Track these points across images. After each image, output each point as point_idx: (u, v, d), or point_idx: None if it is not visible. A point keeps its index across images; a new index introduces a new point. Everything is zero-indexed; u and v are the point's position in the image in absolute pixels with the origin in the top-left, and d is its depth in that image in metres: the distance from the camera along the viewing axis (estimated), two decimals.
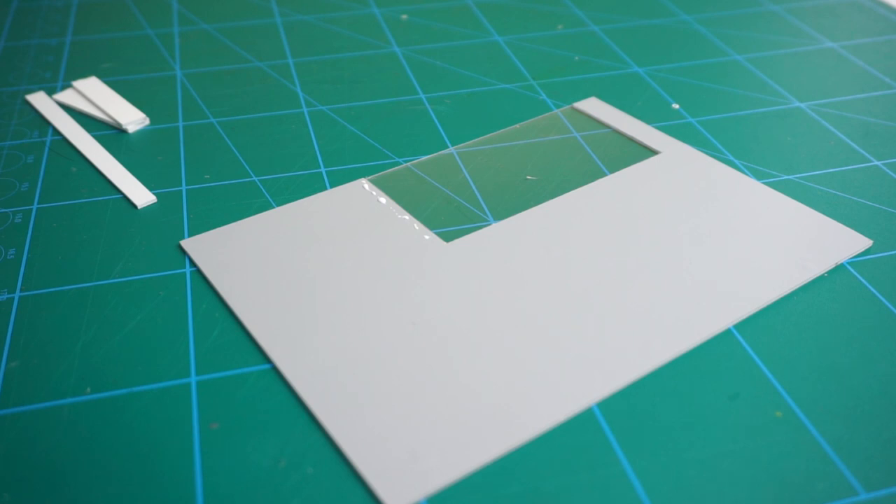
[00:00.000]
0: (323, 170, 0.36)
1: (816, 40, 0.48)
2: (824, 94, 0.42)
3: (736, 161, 0.37)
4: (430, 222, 0.33)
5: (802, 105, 0.42)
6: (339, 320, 0.28)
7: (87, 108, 0.41)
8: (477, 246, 0.31)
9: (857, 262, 0.31)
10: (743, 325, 0.28)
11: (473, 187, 0.35)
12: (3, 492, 0.23)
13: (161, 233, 0.32)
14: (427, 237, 0.32)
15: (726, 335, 0.28)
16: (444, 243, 0.31)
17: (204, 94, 0.42)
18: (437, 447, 0.23)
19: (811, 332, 0.28)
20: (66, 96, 0.42)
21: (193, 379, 0.26)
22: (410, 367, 0.26)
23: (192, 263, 0.31)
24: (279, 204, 0.34)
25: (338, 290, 0.29)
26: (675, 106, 0.41)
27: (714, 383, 0.26)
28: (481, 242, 0.31)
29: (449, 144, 0.38)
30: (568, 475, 0.23)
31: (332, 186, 0.35)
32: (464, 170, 0.36)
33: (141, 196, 0.34)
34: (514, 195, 0.34)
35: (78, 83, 0.43)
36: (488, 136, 0.39)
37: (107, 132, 0.39)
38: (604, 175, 0.36)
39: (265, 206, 0.34)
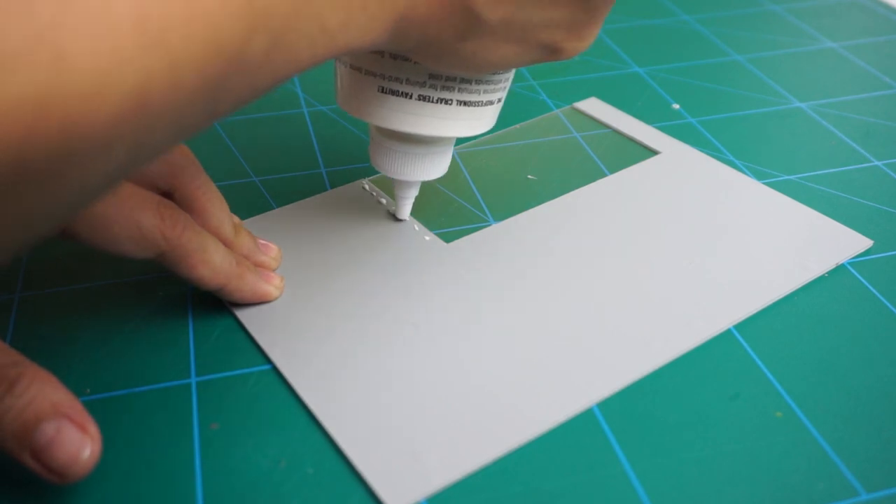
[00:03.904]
0: (323, 170, 0.36)
1: (816, 40, 0.48)
2: (825, 95, 0.42)
3: (736, 161, 0.37)
4: (430, 223, 0.33)
5: (803, 105, 0.42)
6: (339, 321, 0.28)
7: None
8: (477, 246, 0.31)
9: (858, 262, 0.31)
10: (743, 326, 0.28)
11: (473, 187, 0.35)
12: (4, 492, 0.23)
13: None
14: (427, 238, 0.32)
15: (726, 335, 0.28)
16: (445, 244, 0.31)
17: None
18: (437, 447, 0.23)
19: (811, 332, 0.28)
20: None
21: (193, 379, 0.26)
22: (410, 367, 0.26)
23: None
24: (279, 204, 0.34)
25: (338, 291, 0.29)
26: (675, 106, 0.41)
27: (714, 383, 0.26)
28: (481, 243, 0.31)
29: None
30: (568, 475, 0.23)
31: (332, 186, 0.35)
32: (464, 170, 0.36)
33: None
34: (514, 195, 0.34)
35: None
36: (488, 136, 0.39)
37: None
38: (604, 175, 0.36)
39: (265, 207, 0.34)
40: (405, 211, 0.32)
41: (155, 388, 0.26)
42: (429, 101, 0.26)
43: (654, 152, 0.37)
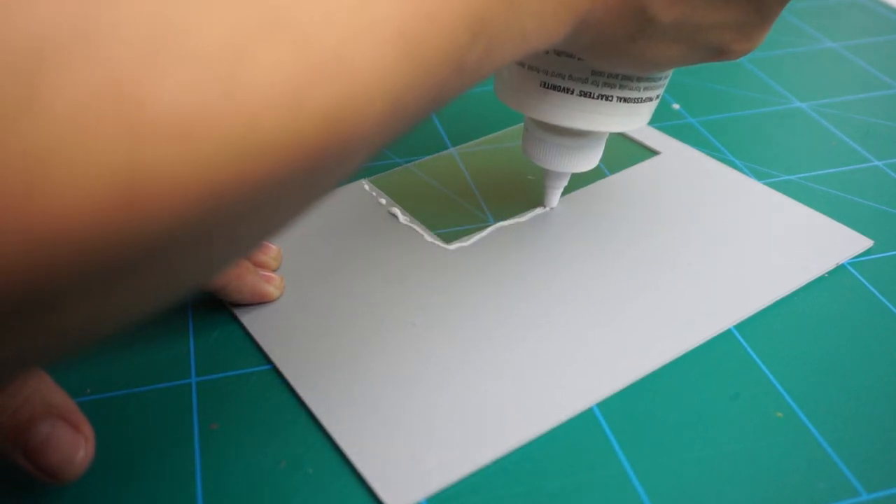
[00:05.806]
0: None
1: (817, 40, 0.48)
2: (825, 94, 0.42)
3: (736, 161, 0.37)
4: (430, 223, 0.33)
5: (803, 105, 0.42)
6: (339, 321, 0.28)
7: None
8: (477, 246, 0.31)
9: (858, 262, 0.31)
10: (743, 326, 0.28)
11: (473, 187, 0.35)
12: (3, 492, 0.23)
13: None
14: (427, 238, 0.32)
15: (726, 335, 0.28)
16: (444, 244, 0.31)
17: None
18: (437, 447, 0.23)
19: (812, 332, 0.28)
20: None
21: (193, 379, 0.26)
22: (411, 367, 0.26)
23: None
24: None
25: (338, 291, 0.29)
26: (676, 106, 0.41)
27: (714, 384, 0.26)
28: (481, 243, 0.31)
29: (449, 144, 0.38)
30: (568, 475, 0.23)
31: None
32: (464, 170, 0.36)
33: None
34: (514, 195, 0.34)
35: None
36: (488, 136, 0.39)
37: None
38: (604, 176, 0.36)
39: None
40: (554, 199, 0.33)
41: (155, 388, 0.26)
42: (590, 97, 0.26)
43: (654, 152, 0.37)
